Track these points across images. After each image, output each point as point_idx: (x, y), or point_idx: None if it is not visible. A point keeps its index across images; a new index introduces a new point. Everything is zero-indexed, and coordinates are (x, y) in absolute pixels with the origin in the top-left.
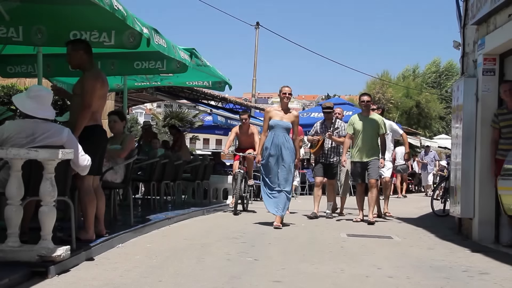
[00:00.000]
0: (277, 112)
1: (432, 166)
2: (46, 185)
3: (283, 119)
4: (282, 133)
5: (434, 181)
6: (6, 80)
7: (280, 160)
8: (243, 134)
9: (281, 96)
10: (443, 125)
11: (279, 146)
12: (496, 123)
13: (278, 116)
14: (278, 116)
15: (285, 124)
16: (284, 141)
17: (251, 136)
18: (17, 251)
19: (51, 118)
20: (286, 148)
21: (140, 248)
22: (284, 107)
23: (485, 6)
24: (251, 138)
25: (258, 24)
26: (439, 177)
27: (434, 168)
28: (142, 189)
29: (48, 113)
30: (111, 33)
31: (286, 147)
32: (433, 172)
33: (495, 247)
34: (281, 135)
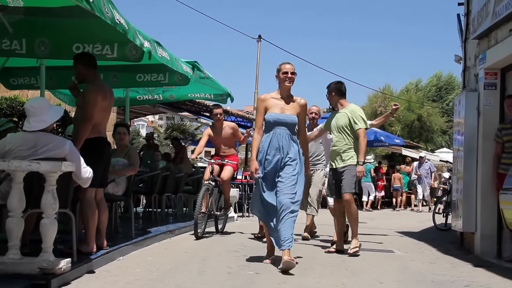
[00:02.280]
0: (276, 102)
1: (428, 178)
2: (47, 197)
3: (286, 111)
4: (285, 132)
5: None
6: (9, 92)
7: (282, 167)
8: (218, 135)
9: (280, 77)
10: (446, 138)
11: (280, 150)
12: (499, 137)
13: (278, 107)
14: (278, 107)
15: (289, 119)
16: (288, 145)
17: (229, 137)
18: (18, 264)
19: (41, 127)
20: (293, 153)
21: (141, 261)
22: (286, 94)
23: (486, 21)
24: (229, 140)
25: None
26: (442, 190)
27: (430, 180)
28: (143, 202)
29: (37, 123)
30: (114, 45)
31: (290, 152)
32: (429, 184)
33: (497, 262)
34: (283, 135)
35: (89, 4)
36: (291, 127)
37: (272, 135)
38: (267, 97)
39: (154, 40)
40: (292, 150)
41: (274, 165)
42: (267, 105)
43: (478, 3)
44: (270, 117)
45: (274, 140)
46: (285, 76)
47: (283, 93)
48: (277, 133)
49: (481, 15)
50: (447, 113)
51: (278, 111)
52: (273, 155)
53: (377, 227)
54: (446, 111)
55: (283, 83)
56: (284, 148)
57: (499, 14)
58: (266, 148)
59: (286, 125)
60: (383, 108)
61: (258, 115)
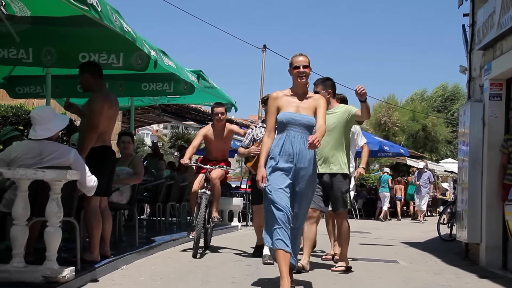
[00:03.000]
0: (290, 100)
1: (426, 188)
2: (52, 205)
3: (301, 110)
4: (300, 135)
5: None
6: (15, 101)
7: (297, 181)
8: (216, 138)
9: (293, 73)
10: (451, 148)
11: (296, 157)
12: (505, 148)
13: (292, 106)
14: (292, 106)
15: (305, 120)
16: (303, 149)
17: (228, 142)
18: (22, 272)
19: (47, 136)
20: (308, 161)
21: (145, 269)
22: (300, 91)
23: (491, 32)
24: (227, 145)
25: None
26: (441, 201)
27: (429, 190)
28: (147, 210)
29: (43, 132)
30: (120, 55)
31: (308, 159)
32: (428, 195)
33: (503, 273)
34: (298, 137)
35: (97, 13)
36: (308, 129)
37: (285, 137)
38: (279, 94)
39: (160, 50)
40: (307, 157)
41: (286, 172)
42: (280, 104)
43: (483, 14)
44: (283, 117)
45: (287, 144)
46: (297, 72)
47: (297, 90)
48: (290, 135)
49: (486, 26)
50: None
51: (292, 110)
52: (286, 161)
53: (382, 237)
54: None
55: (296, 80)
56: (298, 154)
57: (504, 25)
58: (278, 152)
59: (302, 126)
60: (387, 118)
61: (269, 116)
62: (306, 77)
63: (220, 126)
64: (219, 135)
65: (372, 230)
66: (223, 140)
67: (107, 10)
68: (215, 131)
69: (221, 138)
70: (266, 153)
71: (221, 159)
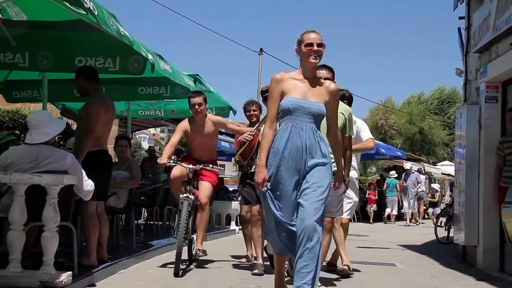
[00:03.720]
0: (297, 83)
1: (413, 190)
2: (49, 210)
3: (309, 96)
4: (308, 125)
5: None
6: (11, 105)
7: (308, 177)
8: (198, 134)
9: (303, 52)
10: (447, 151)
11: (303, 152)
12: (501, 150)
13: (299, 91)
14: (299, 91)
15: (316, 108)
16: (313, 142)
17: (212, 136)
18: (19, 277)
19: (43, 140)
20: (317, 156)
21: (142, 274)
22: (310, 74)
23: (487, 35)
24: (211, 141)
25: (262, 50)
26: (429, 203)
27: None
28: (144, 214)
29: (39, 136)
30: (116, 59)
31: (317, 154)
32: (416, 196)
33: (500, 276)
34: (306, 128)
35: (94, 18)
36: (317, 119)
37: (291, 128)
38: (284, 76)
39: (156, 54)
40: (319, 152)
41: (294, 172)
42: (285, 87)
43: (479, 17)
44: (289, 103)
45: (294, 135)
46: (309, 50)
47: (307, 73)
48: (298, 126)
49: (482, 29)
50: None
51: (299, 95)
52: (293, 158)
53: (379, 240)
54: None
55: (306, 60)
56: (308, 148)
57: (499, 28)
58: (283, 147)
59: (311, 116)
60: (384, 121)
61: (271, 102)
62: (320, 57)
63: (199, 119)
64: (200, 129)
65: (369, 233)
66: (207, 136)
67: (103, 14)
68: (194, 125)
69: (203, 133)
70: (267, 148)
71: (208, 159)
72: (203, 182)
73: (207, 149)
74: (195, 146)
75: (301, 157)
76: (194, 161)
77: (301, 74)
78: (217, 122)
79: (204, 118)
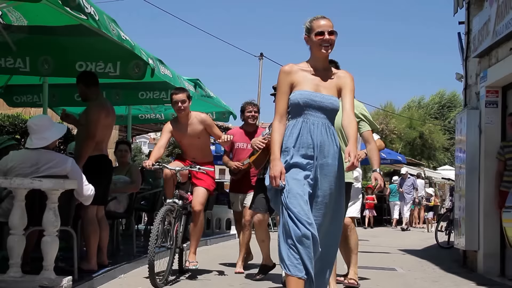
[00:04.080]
0: (307, 76)
1: (410, 195)
2: (49, 215)
3: (321, 89)
4: (321, 121)
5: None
6: (11, 110)
7: (319, 181)
8: (185, 133)
9: (313, 41)
10: (448, 156)
11: (317, 150)
12: (502, 155)
13: (310, 83)
14: (310, 83)
15: (328, 102)
16: (325, 139)
17: (199, 135)
18: (19, 282)
19: (43, 145)
20: (333, 156)
21: (142, 278)
22: (321, 65)
23: (487, 40)
24: (201, 141)
25: (262, 55)
26: (426, 207)
27: (413, 196)
28: (145, 219)
29: (39, 141)
30: (117, 64)
31: (332, 153)
32: (412, 201)
33: (501, 281)
34: (318, 124)
35: (95, 23)
36: (330, 114)
37: (302, 124)
38: (293, 68)
39: (156, 58)
40: (332, 151)
41: (305, 173)
42: (294, 80)
43: (479, 22)
44: (299, 97)
45: (305, 132)
46: (320, 39)
47: (318, 63)
48: (309, 122)
49: (482, 34)
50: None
51: (310, 88)
52: (303, 156)
53: (380, 244)
54: (448, 129)
55: (317, 50)
56: (320, 146)
57: (499, 33)
58: (292, 145)
59: (323, 110)
60: (384, 126)
61: (280, 96)
62: (332, 46)
63: (183, 117)
64: (184, 129)
65: (370, 237)
66: (194, 135)
67: (104, 19)
68: (179, 124)
69: (188, 132)
70: (279, 142)
71: (203, 161)
72: (197, 188)
73: (198, 150)
74: (185, 147)
75: (312, 154)
76: (189, 163)
77: (311, 66)
78: (203, 121)
79: (188, 116)
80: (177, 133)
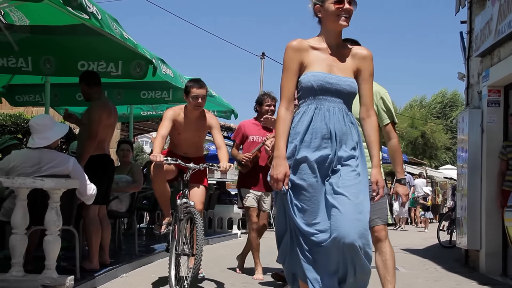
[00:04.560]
0: (319, 54)
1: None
2: (51, 214)
3: (336, 70)
4: (337, 106)
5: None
6: (13, 109)
7: (335, 176)
8: (188, 128)
9: (328, 11)
10: (450, 155)
11: (335, 141)
12: (504, 154)
13: (323, 63)
14: (323, 63)
15: (345, 84)
16: (343, 127)
17: (202, 133)
18: (21, 281)
19: (45, 144)
20: (347, 147)
21: (144, 278)
22: (335, 41)
23: (489, 39)
24: (201, 139)
25: (264, 54)
26: (422, 207)
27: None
28: (146, 218)
29: (41, 140)
30: (118, 63)
31: (347, 144)
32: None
33: (503, 280)
34: (334, 110)
35: (98, 22)
36: (348, 98)
37: (315, 111)
38: (303, 45)
39: (158, 58)
40: (350, 141)
41: (320, 168)
42: (305, 58)
43: (481, 21)
44: (312, 80)
45: (318, 120)
46: (339, 8)
47: (331, 39)
48: (324, 108)
49: (484, 33)
50: (451, 130)
51: (324, 69)
52: (318, 148)
53: None
54: (450, 128)
55: (334, 22)
56: (337, 136)
57: (501, 32)
58: (303, 133)
59: (340, 94)
60: None
61: (287, 77)
62: (349, 18)
63: (196, 114)
64: (192, 124)
65: None
66: (197, 133)
67: (106, 18)
68: (185, 117)
69: (195, 128)
70: (286, 134)
71: (196, 156)
72: (195, 186)
73: (194, 146)
74: (179, 140)
75: (327, 146)
76: (181, 159)
77: (324, 42)
78: (211, 123)
79: (201, 114)
80: (179, 124)
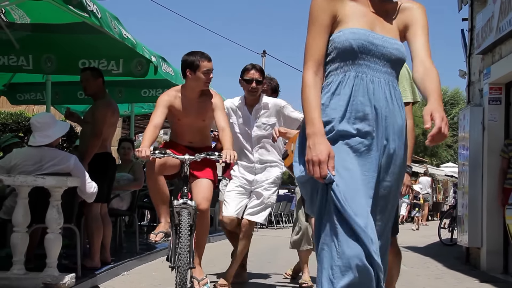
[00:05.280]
0: (359, 7)
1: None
2: (52, 212)
3: (378, 28)
4: (383, 76)
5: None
6: (14, 108)
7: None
8: (187, 112)
9: None
10: (451, 153)
11: (381, 121)
12: (506, 152)
13: (363, 19)
14: (363, 19)
15: (392, 46)
16: (391, 107)
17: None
18: (23, 279)
19: (46, 142)
20: (399, 131)
21: (145, 276)
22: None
23: (490, 36)
24: (205, 123)
25: (265, 52)
26: (414, 205)
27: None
28: (148, 216)
29: (42, 139)
30: (119, 61)
31: (399, 128)
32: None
33: (504, 278)
34: (380, 81)
35: (98, 20)
36: (396, 66)
37: (355, 80)
38: None
39: (159, 56)
40: (397, 127)
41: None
42: (339, 10)
43: (482, 19)
44: (351, 38)
45: (360, 93)
46: None
47: None
48: (366, 77)
49: (485, 30)
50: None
51: (365, 26)
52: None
53: None
54: (451, 126)
55: None
56: (384, 116)
57: (503, 30)
58: (341, 112)
59: (387, 60)
60: None
61: (316, 34)
62: None
63: (197, 93)
64: (193, 106)
65: None
66: (200, 116)
67: (106, 17)
68: (184, 99)
69: (196, 111)
70: (319, 103)
71: (202, 145)
72: (199, 180)
73: (199, 133)
74: (182, 127)
75: (369, 129)
76: (185, 149)
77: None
78: (215, 102)
79: (203, 91)
80: (177, 110)
